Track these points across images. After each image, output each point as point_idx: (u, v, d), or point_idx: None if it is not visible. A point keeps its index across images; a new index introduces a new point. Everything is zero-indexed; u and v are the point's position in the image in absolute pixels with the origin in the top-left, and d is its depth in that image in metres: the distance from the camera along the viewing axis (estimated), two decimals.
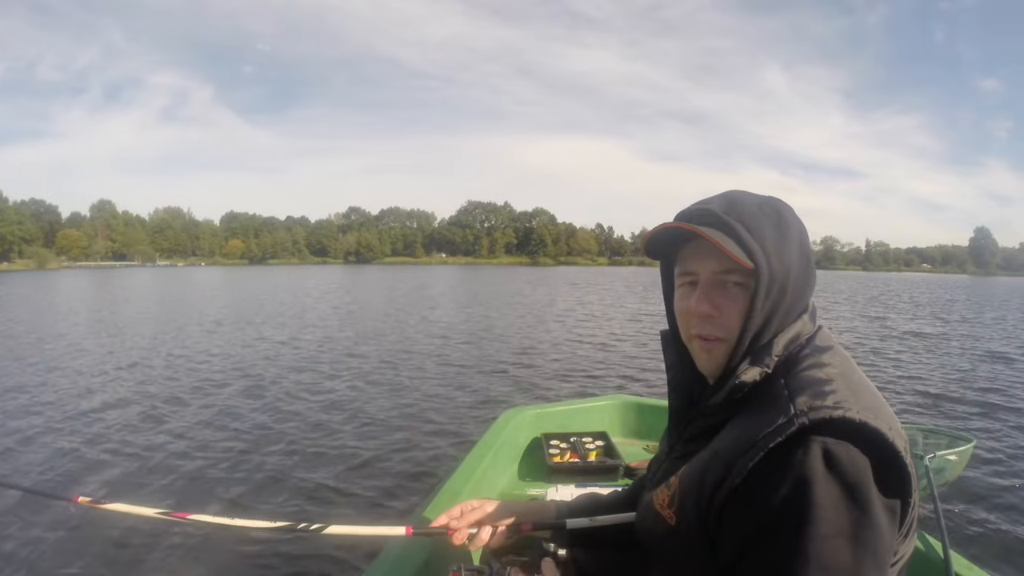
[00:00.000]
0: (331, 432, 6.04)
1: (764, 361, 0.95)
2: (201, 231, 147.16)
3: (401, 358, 10.67)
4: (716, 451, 0.94)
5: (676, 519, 0.98)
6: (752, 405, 0.94)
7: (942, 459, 2.36)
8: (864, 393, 0.88)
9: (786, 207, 1.03)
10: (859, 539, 0.79)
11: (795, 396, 0.86)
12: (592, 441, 2.96)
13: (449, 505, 1.83)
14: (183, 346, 11.81)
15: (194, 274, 66.69)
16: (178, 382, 8.40)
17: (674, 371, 1.14)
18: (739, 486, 0.86)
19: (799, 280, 0.99)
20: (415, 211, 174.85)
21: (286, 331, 14.44)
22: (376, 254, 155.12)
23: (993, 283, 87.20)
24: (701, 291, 1.01)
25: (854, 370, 0.95)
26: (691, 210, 1.04)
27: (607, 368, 10.10)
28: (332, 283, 42.68)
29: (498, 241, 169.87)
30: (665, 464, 1.14)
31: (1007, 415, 7.23)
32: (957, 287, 59.19)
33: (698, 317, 1.01)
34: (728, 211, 0.99)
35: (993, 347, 13.43)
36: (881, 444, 0.82)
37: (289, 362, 10.16)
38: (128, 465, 5.03)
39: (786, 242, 0.97)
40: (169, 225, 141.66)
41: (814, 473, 0.80)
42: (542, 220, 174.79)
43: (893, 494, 0.83)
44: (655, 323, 17.09)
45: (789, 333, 0.98)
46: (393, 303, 24.70)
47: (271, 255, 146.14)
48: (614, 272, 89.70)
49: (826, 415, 0.82)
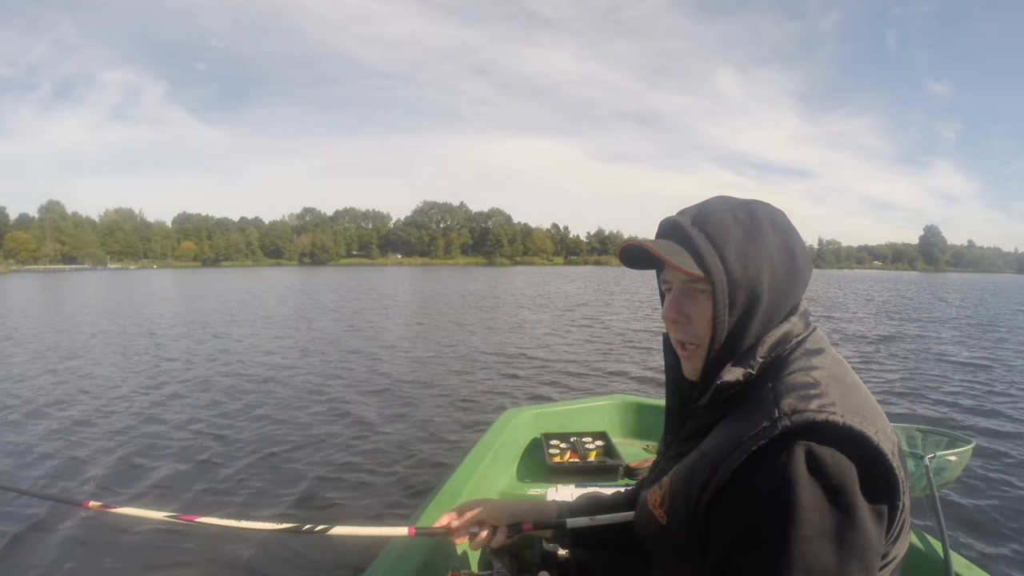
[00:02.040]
0: (332, 434, 5.99)
1: (748, 363, 0.96)
2: (153, 233, 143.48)
3: (396, 360, 10.52)
4: (704, 452, 0.95)
5: (667, 519, 1.00)
6: (740, 407, 0.95)
7: (942, 459, 2.38)
8: (853, 396, 0.89)
9: (764, 211, 1.03)
10: (844, 541, 0.80)
11: (780, 399, 0.87)
12: (592, 441, 2.98)
13: (450, 505, 1.87)
14: (175, 350, 11.48)
15: (148, 277, 64.97)
16: (174, 388, 8.19)
17: (671, 373, 1.16)
18: (724, 488, 0.88)
19: (778, 283, 0.98)
20: (370, 212, 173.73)
21: (278, 333, 14.22)
22: (331, 255, 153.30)
23: (943, 279, 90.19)
24: (671, 299, 1.05)
25: (846, 373, 0.96)
26: (666, 221, 1.07)
27: (607, 368, 10.03)
28: (300, 284, 42.40)
29: (454, 241, 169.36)
30: (661, 464, 1.16)
31: (1007, 415, 7.21)
32: (910, 283, 61.11)
33: (669, 323, 1.06)
34: (696, 220, 1.02)
35: (987, 347, 13.48)
36: (866, 447, 0.82)
37: (285, 365, 9.97)
38: (132, 470, 4.98)
39: (756, 247, 0.98)
40: (120, 227, 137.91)
41: (797, 476, 0.81)
42: (498, 220, 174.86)
43: (880, 497, 0.83)
44: (651, 322, 17.51)
45: (775, 335, 0.99)
46: (377, 304, 24.56)
47: (224, 257, 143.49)
48: (572, 271, 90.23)
49: (810, 418, 0.83)
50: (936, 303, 28.59)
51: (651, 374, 8.96)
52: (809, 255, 1.04)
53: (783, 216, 1.05)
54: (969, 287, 54.60)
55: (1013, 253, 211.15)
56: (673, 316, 1.03)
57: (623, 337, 13.92)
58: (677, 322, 1.04)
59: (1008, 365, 10.70)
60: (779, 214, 1.05)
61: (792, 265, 1.00)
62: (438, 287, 37.59)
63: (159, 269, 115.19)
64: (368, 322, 16.91)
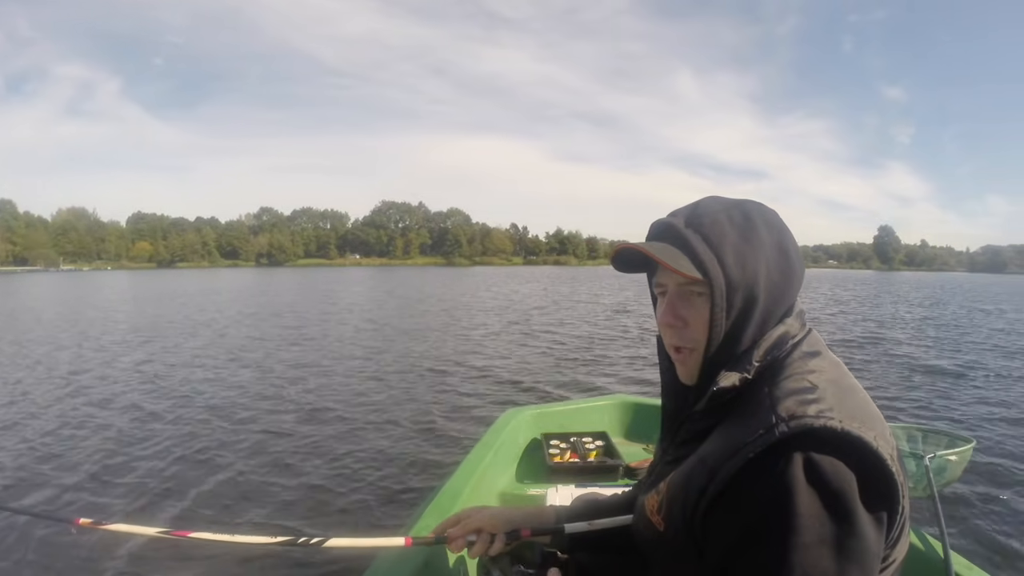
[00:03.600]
0: (323, 443, 5.91)
1: (743, 367, 0.94)
2: (107, 233, 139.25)
3: (390, 363, 10.45)
4: (701, 458, 0.93)
5: (664, 525, 0.98)
6: (737, 412, 0.93)
7: (942, 459, 2.37)
8: (851, 400, 0.88)
9: (758, 210, 1.01)
10: (843, 548, 0.79)
11: (777, 405, 0.86)
12: (592, 441, 2.99)
13: (449, 506, 1.91)
14: (161, 358, 11.10)
15: (103, 279, 62.42)
16: (160, 398, 7.93)
17: (666, 376, 1.14)
18: (721, 494, 0.86)
19: (774, 284, 0.97)
20: (329, 211, 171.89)
21: (250, 339, 13.78)
22: (289, 256, 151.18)
23: (897, 277, 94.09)
24: (667, 303, 1.02)
25: (844, 375, 0.94)
26: (658, 223, 1.05)
27: (607, 368, 10.15)
28: (260, 286, 41.85)
29: (412, 242, 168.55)
30: (658, 468, 1.15)
31: (1007, 414, 7.25)
32: (866, 282, 62.77)
33: (665, 328, 1.03)
34: (690, 222, 0.99)
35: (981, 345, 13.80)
36: (866, 453, 0.81)
37: (272, 373, 9.74)
38: (123, 485, 4.86)
39: (752, 247, 0.96)
40: (73, 227, 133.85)
41: (795, 483, 0.79)
42: (457, 220, 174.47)
43: (879, 502, 0.82)
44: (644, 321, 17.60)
45: (771, 338, 0.97)
46: (358, 306, 24.18)
47: (180, 258, 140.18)
48: (532, 271, 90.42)
49: (808, 424, 0.81)
50: (901, 302, 29.37)
51: (651, 374, 8.90)
52: (802, 254, 1.03)
53: (776, 215, 1.03)
54: (927, 285, 56.72)
55: (965, 252, 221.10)
56: (670, 320, 1.01)
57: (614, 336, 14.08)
58: (674, 326, 1.01)
59: (985, 365, 10.90)
60: (772, 213, 1.03)
61: (787, 265, 0.99)
62: (407, 290, 37.02)
63: (114, 271, 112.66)
64: (349, 328, 16.45)
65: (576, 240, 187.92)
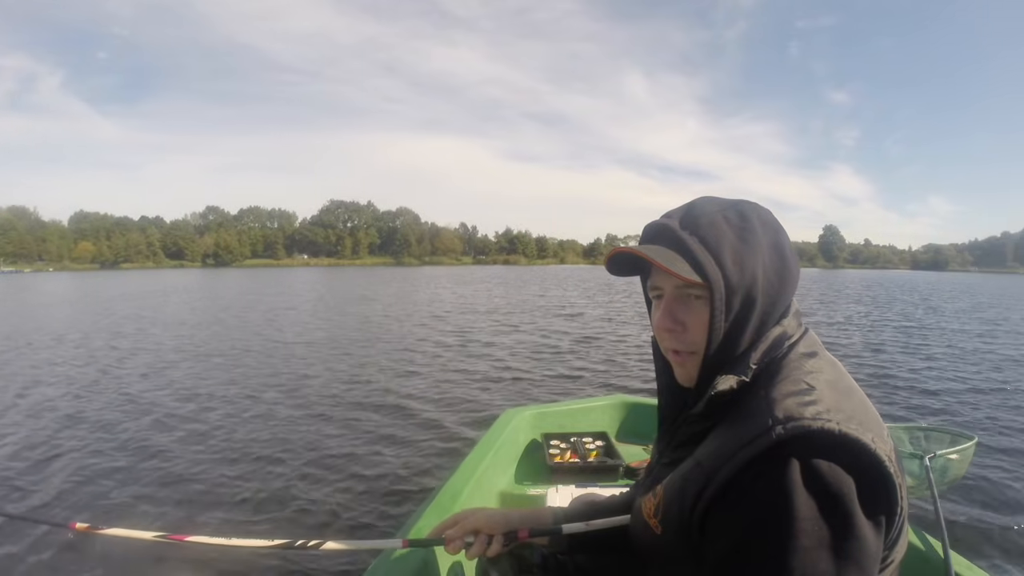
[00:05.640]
0: (321, 443, 5.85)
1: (742, 370, 0.93)
2: (48, 233, 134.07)
3: (383, 363, 10.39)
4: (698, 461, 0.92)
5: (661, 528, 0.97)
6: (734, 414, 0.92)
7: (944, 458, 2.37)
8: (848, 401, 0.87)
9: (754, 210, 1.01)
10: (842, 551, 0.78)
11: (774, 407, 0.85)
12: (592, 441, 2.99)
13: (449, 506, 1.94)
14: (149, 360, 10.95)
15: (46, 281, 58.66)
16: (155, 400, 7.78)
17: (662, 378, 1.13)
18: (718, 498, 0.85)
19: (771, 285, 0.96)
20: (276, 211, 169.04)
21: (242, 340, 13.46)
22: (236, 256, 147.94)
23: (842, 275, 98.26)
24: (664, 306, 1.01)
25: (841, 376, 0.93)
26: (652, 225, 1.04)
27: (605, 368, 10.15)
28: (209, 286, 40.80)
29: (361, 241, 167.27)
30: (655, 471, 1.13)
31: (1007, 413, 7.28)
32: (813, 279, 64.92)
33: (663, 332, 1.02)
34: (686, 224, 0.98)
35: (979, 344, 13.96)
36: (864, 455, 0.80)
37: (264, 373, 9.61)
38: (119, 489, 4.81)
39: (750, 248, 0.95)
40: (13, 226, 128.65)
41: (793, 486, 0.78)
42: (406, 220, 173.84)
43: (878, 504, 0.81)
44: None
45: (769, 339, 0.96)
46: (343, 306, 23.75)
47: (124, 258, 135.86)
48: (482, 271, 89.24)
49: (805, 426, 0.80)
50: (844, 299, 29.08)
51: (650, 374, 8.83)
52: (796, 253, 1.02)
53: (770, 214, 1.02)
54: (871, 281, 59.57)
55: (907, 251, 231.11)
56: (668, 325, 1.00)
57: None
58: (672, 330, 1.00)
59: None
60: (767, 212, 1.02)
61: (783, 265, 0.98)
62: (359, 289, 36.29)
63: (56, 272, 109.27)
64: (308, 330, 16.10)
65: (526, 240, 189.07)
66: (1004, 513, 4.29)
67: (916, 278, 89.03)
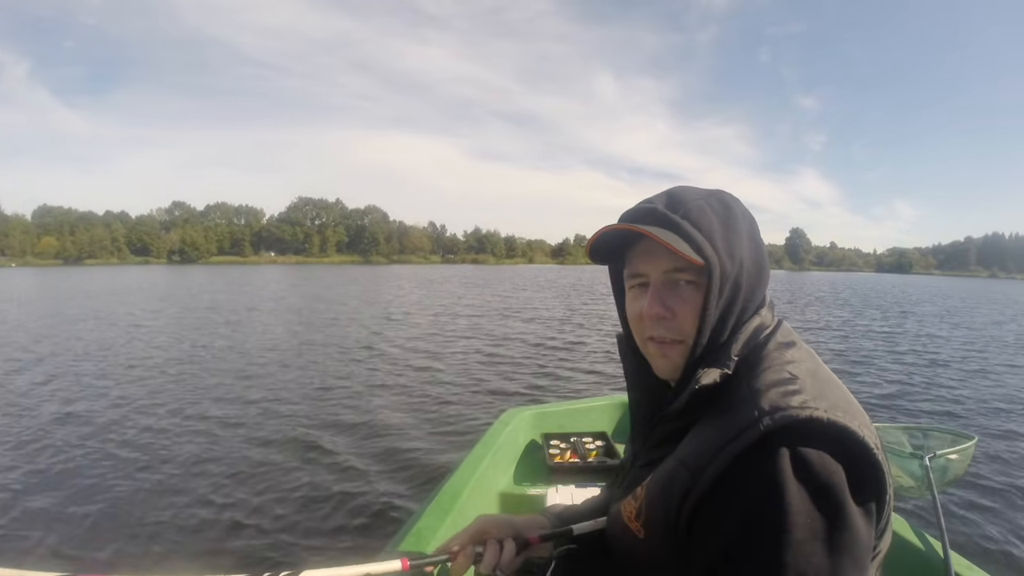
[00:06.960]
0: (281, 461, 5.38)
1: (724, 362, 0.91)
2: (10, 227, 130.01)
3: (376, 363, 10.35)
4: (682, 460, 0.89)
5: (644, 532, 0.94)
6: (715, 408, 0.90)
7: (944, 458, 2.37)
8: (831, 390, 0.86)
9: (733, 199, 1.01)
10: (835, 542, 0.77)
11: (759, 398, 0.83)
12: (592, 441, 2.99)
13: (449, 506, 1.92)
14: (99, 363, 10.41)
15: (9, 277, 55.21)
16: (90, 418, 6.94)
17: (632, 376, 1.10)
18: (706, 496, 0.83)
19: (751, 274, 0.96)
20: (243, 207, 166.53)
21: (222, 343, 12.95)
22: (202, 253, 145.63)
23: (808, 277, 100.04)
24: (652, 293, 0.97)
25: (819, 366, 0.93)
26: (635, 210, 1.00)
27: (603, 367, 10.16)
28: (180, 285, 39.90)
29: (329, 239, 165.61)
30: (631, 472, 1.11)
31: (1007, 412, 7.31)
32: (779, 280, 66.63)
33: (651, 319, 0.97)
34: (673, 208, 0.96)
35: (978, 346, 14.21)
36: (852, 442, 0.79)
37: (222, 374, 9.33)
38: (32, 524, 4.23)
39: (735, 235, 0.95)
40: None
41: (784, 478, 0.77)
42: (374, 218, 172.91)
43: (868, 493, 0.80)
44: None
45: (748, 329, 0.95)
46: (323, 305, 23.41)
47: (88, 254, 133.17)
48: (451, 270, 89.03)
49: (793, 416, 0.79)
50: (816, 302, 29.30)
51: None
52: None
53: (744, 205, 1.02)
54: (838, 284, 60.90)
55: (872, 254, 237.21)
56: (658, 311, 0.95)
57: None
58: (663, 317, 0.96)
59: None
60: (743, 203, 1.02)
61: (759, 255, 0.99)
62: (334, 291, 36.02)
63: (18, 268, 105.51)
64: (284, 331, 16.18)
65: (494, 239, 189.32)
66: (1004, 513, 4.33)
67: (882, 280, 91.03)
